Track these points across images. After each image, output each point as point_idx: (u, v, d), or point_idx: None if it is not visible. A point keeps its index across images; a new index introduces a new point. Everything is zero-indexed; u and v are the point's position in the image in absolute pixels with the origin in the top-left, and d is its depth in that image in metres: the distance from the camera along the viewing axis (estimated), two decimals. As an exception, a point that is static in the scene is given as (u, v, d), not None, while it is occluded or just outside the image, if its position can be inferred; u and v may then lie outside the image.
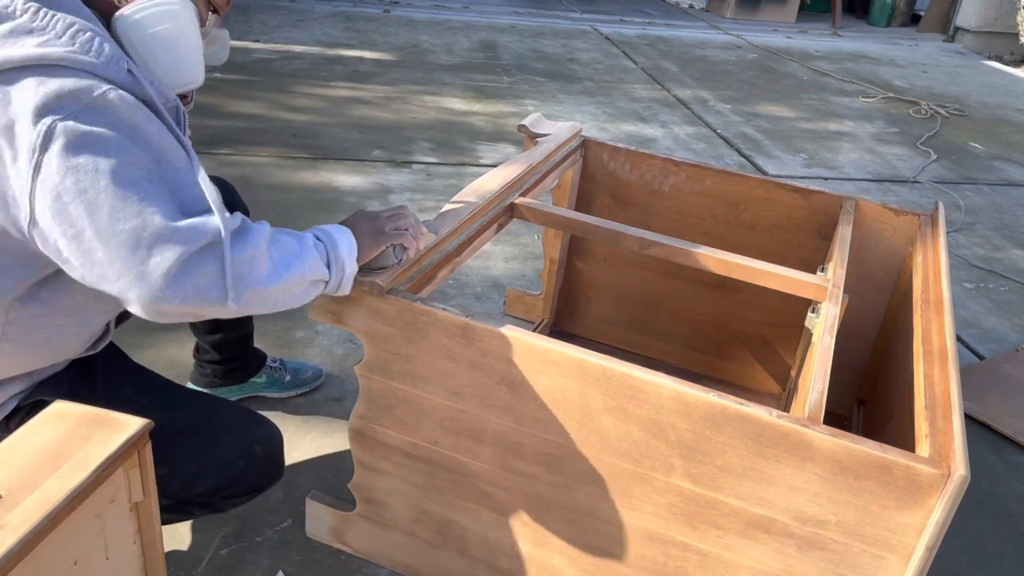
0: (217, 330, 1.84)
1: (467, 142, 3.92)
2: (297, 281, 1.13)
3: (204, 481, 1.33)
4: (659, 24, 7.40)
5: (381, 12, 6.50)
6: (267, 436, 1.41)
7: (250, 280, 1.06)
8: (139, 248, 0.99)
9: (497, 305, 2.53)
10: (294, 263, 1.12)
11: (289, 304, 1.15)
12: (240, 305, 1.06)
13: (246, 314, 1.10)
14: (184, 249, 1.00)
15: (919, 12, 8.56)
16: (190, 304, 1.03)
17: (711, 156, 4.13)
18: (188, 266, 1.00)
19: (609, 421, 1.25)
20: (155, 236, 0.99)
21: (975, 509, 1.96)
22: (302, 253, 1.14)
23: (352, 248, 1.22)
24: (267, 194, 3.08)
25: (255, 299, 1.08)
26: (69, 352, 1.26)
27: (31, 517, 0.88)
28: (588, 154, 2.16)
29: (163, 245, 0.99)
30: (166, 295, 1.00)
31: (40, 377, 1.27)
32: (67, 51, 1.00)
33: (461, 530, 1.48)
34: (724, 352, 2.24)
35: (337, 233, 1.22)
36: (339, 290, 1.23)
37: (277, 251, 1.11)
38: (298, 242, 1.15)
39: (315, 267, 1.16)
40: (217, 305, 1.04)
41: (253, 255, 1.07)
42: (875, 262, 1.99)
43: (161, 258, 0.99)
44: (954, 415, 1.18)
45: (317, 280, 1.17)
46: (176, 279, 1.00)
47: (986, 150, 4.77)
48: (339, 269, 1.20)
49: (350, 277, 1.23)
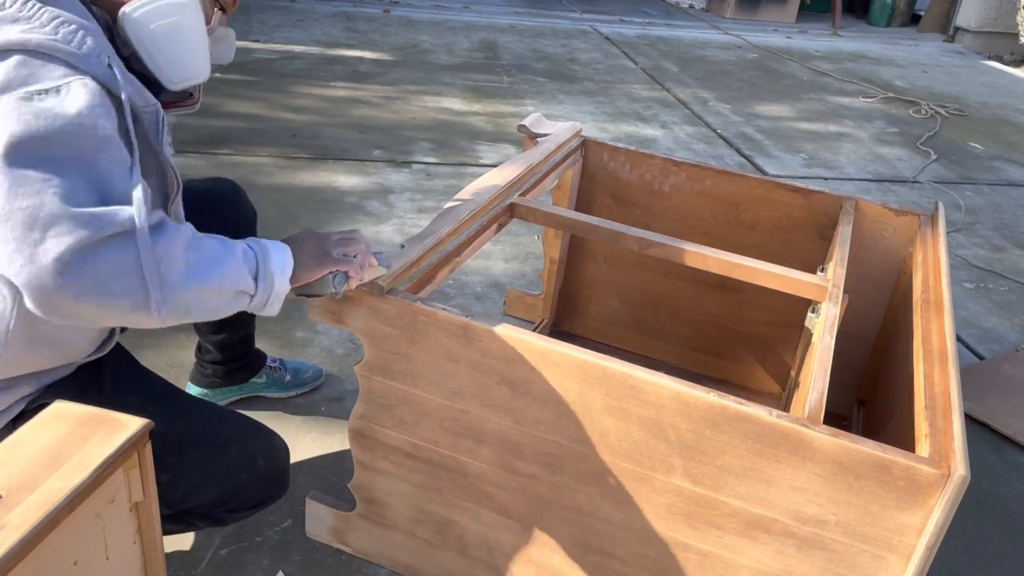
0: (220, 330, 1.84)
1: (467, 142, 3.92)
2: (215, 289, 1.07)
3: (206, 491, 1.32)
4: (659, 24, 7.40)
5: (381, 12, 6.50)
6: (272, 449, 1.40)
7: (159, 279, 1.00)
8: (34, 228, 0.92)
9: (497, 305, 2.53)
10: (212, 269, 1.06)
11: (207, 314, 1.08)
12: (149, 308, 1.00)
13: (155, 320, 1.02)
14: (84, 235, 0.93)
15: (919, 12, 8.56)
16: (89, 299, 0.96)
17: (711, 156, 4.13)
18: (87, 255, 0.94)
19: (609, 421, 1.25)
20: (53, 217, 0.92)
21: (975, 509, 1.96)
22: (224, 260, 1.08)
23: (285, 266, 1.16)
24: (267, 194, 3.08)
25: (164, 302, 1.01)
26: (76, 352, 1.26)
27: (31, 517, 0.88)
28: (588, 154, 2.16)
29: (60, 228, 0.92)
30: (58, 284, 0.93)
31: (48, 380, 1.27)
32: (48, 39, 1.00)
33: (461, 530, 1.48)
34: (724, 352, 2.24)
35: (272, 247, 1.16)
36: (266, 308, 1.16)
37: (196, 254, 1.05)
38: (223, 249, 1.09)
39: (238, 277, 1.09)
40: (120, 303, 0.98)
41: (166, 254, 1.01)
42: (875, 262, 1.99)
43: (56, 242, 0.92)
44: (954, 415, 1.18)
45: (240, 292, 1.11)
46: (70, 267, 0.93)
47: (986, 150, 4.77)
48: (267, 284, 1.13)
49: (279, 295, 1.16)
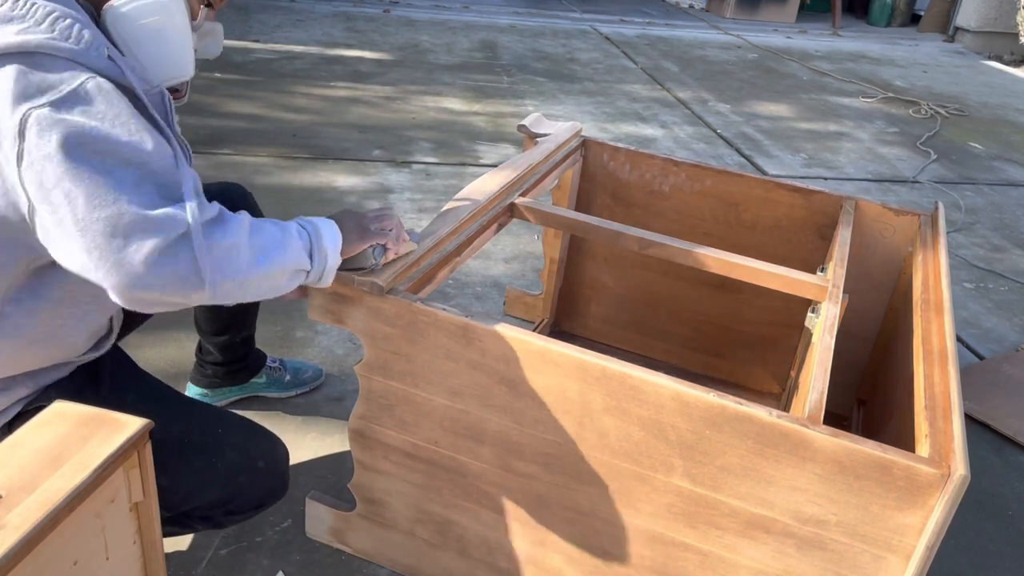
0: (223, 331, 1.84)
1: (467, 142, 3.92)
2: (278, 271, 1.13)
3: (205, 494, 1.32)
4: (659, 24, 7.40)
5: (381, 12, 6.50)
6: (271, 451, 1.40)
7: (230, 268, 1.06)
8: (115, 236, 0.99)
9: (497, 305, 2.53)
10: (275, 252, 1.12)
11: (269, 293, 1.14)
12: (219, 293, 1.06)
13: (226, 302, 1.10)
14: (161, 237, 1.00)
15: (919, 12, 8.56)
16: (168, 291, 1.02)
17: (711, 156, 4.13)
18: (166, 254, 1.00)
19: (609, 421, 1.25)
20: (131, 224, 0.99)
21: (975, 509, 1.96)
22: (284, 242, 1.14)
23: (336, 240, 1.22)
24: (267, 194, 3.08)
25: (235, 288, 1.08)
26: (72, 350, 1.26)
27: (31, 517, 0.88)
28: (588, 154, 2.16)
29: (140, 233, 0.99)
30: (143, 283, 1.00)
31: (45, 381, 1.27)
32: (47, 38, 1.01)
33: (461, 530, 1.48)
34: (724, 352, 2.24)
35: (322, 224, 1.22)
36: (320, 281, 1.23)
37: (259, 239, 1.11)
38: (280, 231, 1.15)
39: (297, 257, 1.15)
40: (195, 293, 1.04)
41: (233, 243, 1.07)
42: (875, 262, 1.99)
43: (138, 246, 0.99)
44: (954, 415, 1.18)
45: (299, 270, 1.17)
46: (153, 267, 1.00)
47: (986, 150, 4.77)
48: (321, 260, 1.19)
49: (332, 269, 1.23)
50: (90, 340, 1.28)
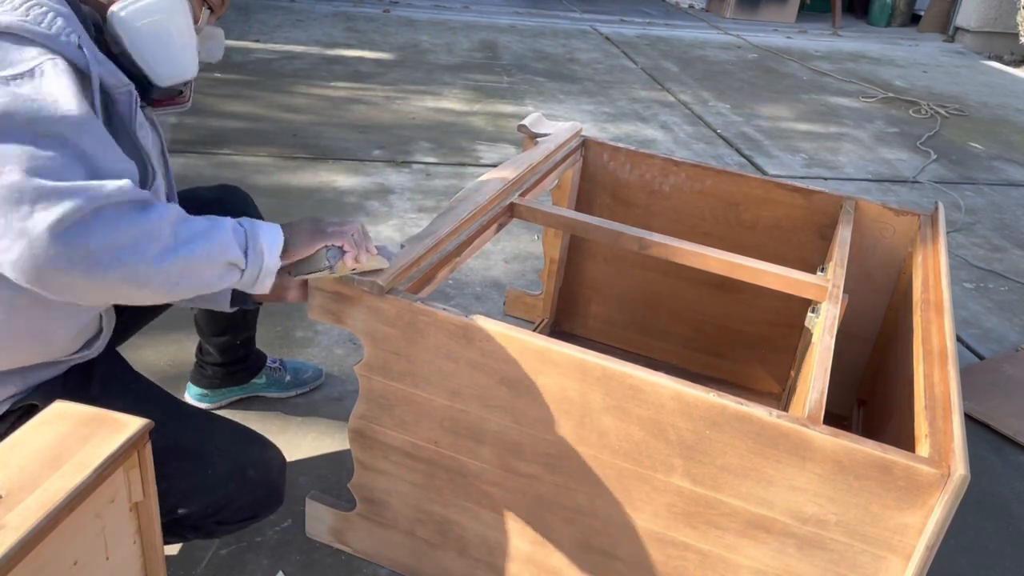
0: (223, 332, 1.84)
1: (467, 142, 3.92)
2: (203, 260, 1.08)
3: (194, 501, 1.29)
4: (659, 24, 7.40)
5: (381, 12, 6.50)
6: (264, 460, 1.36)
7: (146, 251, 1.01)
8: (22, 203, 0.94)
9: (497, 305, 2.53)
10: (201, 240, 1.08)
11: (197, 286, 1.10)
12: (135, 277, 1.01)
13: (150, 293, 1.05)
14: (71, 206, 0.95)
15: (919, 12, 8.55)
16: (80, 271, 0.97)
17: (711, 156, 4.13)
18: (77, 227, 0.95)
19: (609, 421, 1.25)
20: (41, 191, 0.94)
21: (975, 509, 1.96)
22: (212, 234, 1.10)
23: (275, 241, 1.17)
24: (267, 194, 3.08)
25: (153, 274, 1.03)
26: (59, 348, 1.25)
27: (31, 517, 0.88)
28: (588, 154, 2.16)
29: (48, 200, 0.94)
30: (49, 255, 0.94)
31: (35, 380, 1.26)
32: (19, 20, 1.03)
33: (461, 530, 1.48)
34: (724, 352, 2.24)
35: (262, 225, 1.18)
36: (256, 284, 1.17)
37: (184, 228, 1.07)
38: (211, 223, 1.11)
39: (226, 248, 1.11)
40: (107, 273, 0.99)
41: (153, 226, 1.02)
42: (875, 262, 1.99)
43: (45, 213, 0.94)
44: (954, 415, 1.18)
45: (231, 264, 1.12)
46: (60, 238, 0.94)
47: (986, 150, 4.77)
48: (256, 258, 1.15)
49: (269, 270, 1.17)
50: (78, 339, 1.27)
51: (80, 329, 1.26)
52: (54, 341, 1.23)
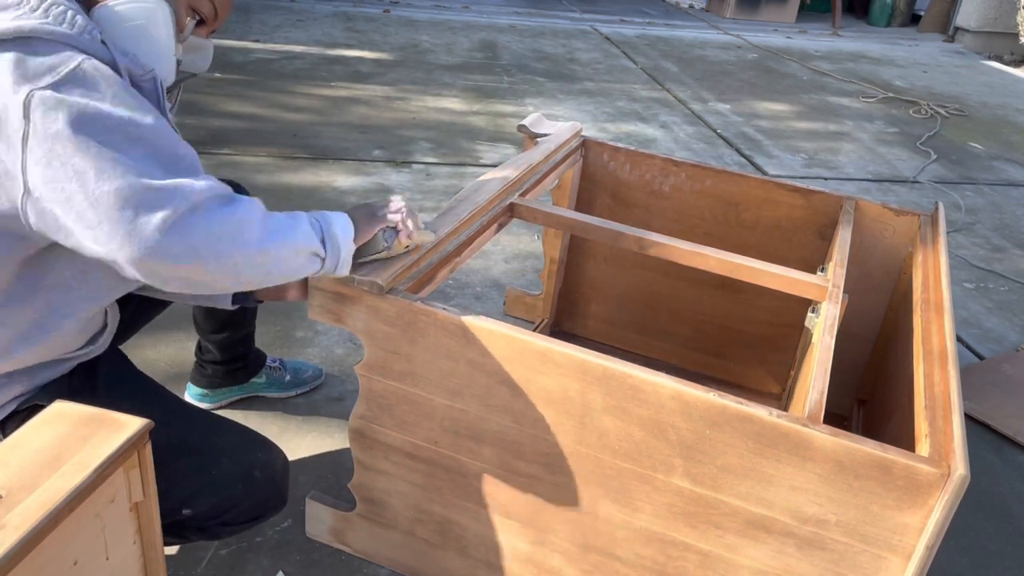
0: (222, 329, 1.84)
1: (467, 142, 3.92)
2: (291, 250, 1.15)
3: (199, 502, 1.30)
4: (659, 24, 7.40)
5: (381, 12, 6.50)
6: (269, 461, 1.37)
7: (241, 241, 1.08)
8: (126, 208, 1.00)
9: (497, 305, 2.53)
10: (287, 231, 1.14)
11: (285, 274, 1.16)
12: (231, 266, 1.07)
13: (244, 281, 1.11)
14: (172, 208, 1.02)
15: (919, 12, 8.56)
16: (183, 263, 1.04)
17: (711, 156, 4.13)
18: (178, 224, 1.02)
19: (609, 421, 1.25)
20: (141, 196, 1.01)
21: (975, 509, 1.96)
22: (295, 224, 1.16)
23: (347, 229, 1.24)
24: (267, 194, 3.08)
25: (248, 262, 1.09)
26: (65, 345, 1.25)
27: (31, 517, 0.88)
28: (588, 154, 2.16)
29: (150, 204, 1.01)
30: (155, 253, 1.01)
31: (41, 380, 1.26)
32: (41, 23, 1.04)
33: (461, 530, 1.48)
34: (724, 352, 2.24)
35: (332, 215, 1.24)
36: (338, 269, 1.24)
37: (270, 219, 1.14)
38: (290, 216, 1.18)
39: (308, 239, 1.17)
40: (208, 264, 1.05)
41: (245, 217, 1.09)
42: (875, 262, 1.99)
43: (150, 216, 1.00)
44: (954, 415, 1.18)
45: (313, 253, 1.19)
46: (165, 237, 1.01)
47: (986, 150, 4.77)
48: (334, 246, 1.21)
49: (347, 258, 1.24)
50: (83, 334, 1.28)
51: (86, 323, 1.27)
52: (62, 336, 1.24)
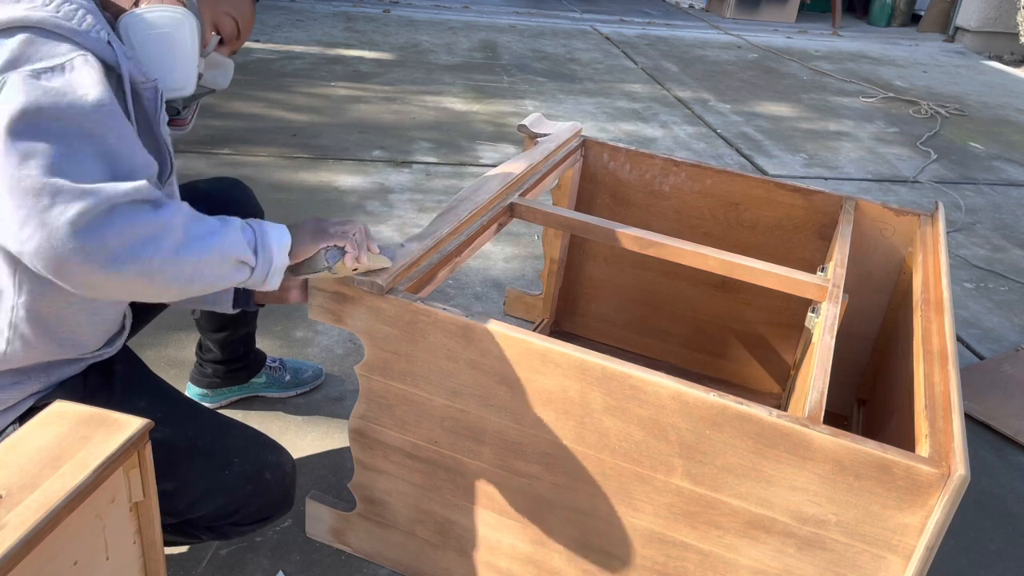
0: (223, 328, 1.84)
1: (467, 142, 3.92)
2: (215, 257, 1.10)
3: (210, 502, 1.31)
4: (659, 24, 7.40)
5: (381, 12, 6.50)
6: (279, 463, 1.39)
7: (161, 246, 1.04)
8: (42, 196, 0.96)
9: (497, 305, 2.53)
10: (212, 238, 1.11)
11: (208, 283, 1.12)
12: (147, 271, 1.04)
13: (164, 289, 1.07)
14: (89, 203, 0.98)
15: (919, 12, 8.55)
16: (96, 265, 1.00)
17: (711, 156, 4.13)
18: (95, 222, 0.98)
19: (609, 421, 1.25)
20: (62, 188, 0.97)
21: (975, 509, 1.96)
22: (223, 231, 1.12)
23: (282, 241, 1.20)
24: (267, 194, 3.08)
25: (165, 269, 1.05)
26: (85, 344, 1.26)
27: (31, 517, 0.88)
28: (588, 154, 2.16)
29: (68, 196, 0.97)
30: (68, 248, 0.97)
31: (57, 378, 1.27)
32: (50, 16, 1.05)
33: (461, 530, 1.48)
34: (724, 352, 2.24)
35: (269, 224, 1.21)
36: (266, 282, 1.19)
37: (196, 226, 1.10)
38: (221, 222, 1.14)
39: (236, 247, 1.13)
40: (126, 270, 1.02)
41: (166, 223, 1.05)
42: (875, 262, 1.99)
43: (65, 207, 0.97)
44: (954, 415, 1.18)
45: (240, 261, 1.14)
46: (79, 232, 0.97)
47: (986, 150, 4.77)
48: (266, 256, 1.17)
49: (279, 269, 1.20)
50: (102, 336, 1.29)
51: (106, 326, 1.28)
52: (80, 337, 1.24)
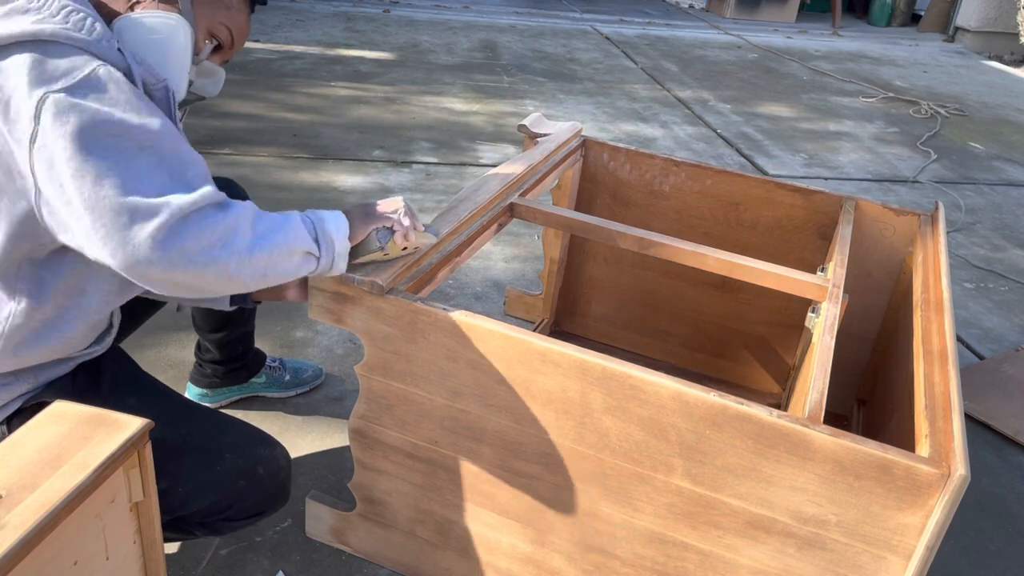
0: (221, 328, 1.84)
1: (467, 142, 3.92)
2: (284, 251, 1.15)
3: (203, 498, 1.30)
4: (659, 24, 7.40)
5: (381, 12, 6.50)
6: (273, 459, 1.38)
7: (235, 247, 1.09)
8: (121, 214, 1.01)
9: (497, 305, 2.53)
10: (278, 234, 1.15)
11: (281, 275, 1.16)
12: (226, 271, 1.08)
13: (242, 284, 1.12)
14: (166, 216, 1.03)
15: (919, 12, 8.55)
16: (179, 270, 1.05)
17: (711, 156, 4.13)
18: (172, 232, 1.03)
19: (609, 421, 1.25)
20: (138, 203, 1.02)
21: (975, 509, 1.96)
22: (286, 225, 1.16)
23: (340, 227, 1.24)
24: (267, 194, 3.08)
25: (241, 267, 1.10)
26: (73, 344, 1.26)
27: (31, 517, 0.88)
28: (588, 154, 2.16)
29: (145, 211, 1.02)
30: (151, 259, 1.03)
31: (46, 378, 1.27)
32: (60, 27, 1.06)
33: (461, 530, 1.48)
34: (724, 352, 2.24)
35: (325, 213, 1.24)
36: (332, 268, 1.24)
37: (261, 223, 1.14)
38: (282, 217, 1.18)
39: (301, 239, 1.17)
40: (207, 271, 1.07)
41: (236, 224, 1.09)
42: (875, 262, 1.99)
43: (143, 224, 1.02)
44: (954, 415, 1.18)
45: (307, 253, 1.19)
46: (159, 245, 1.02)
47: (986, 150, 4.77)
48: (328, 244, 1.21)
49: (342, 254, 1.24)
50: (91, 333, 1.28)
51: (94, 323, 1.28)
52: (69, 335, 1.24)
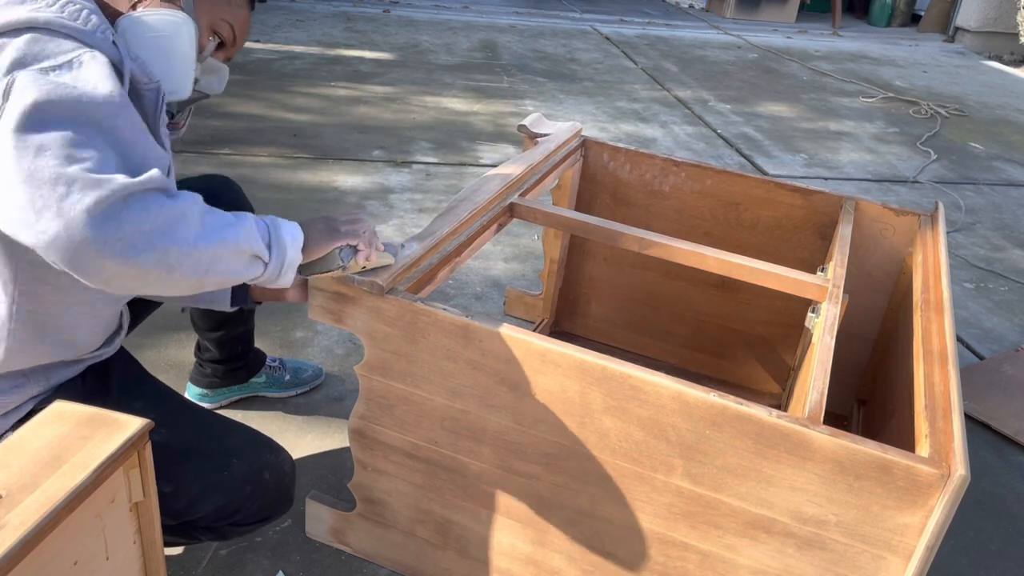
0: (219, 327, 1.84)
1: (467, 142, 3.92)
2: (231, 249, 1.09)
3: (209, 502, 1.31)
4: (659, 24, 7.40)
5: (381, 12, 6.50)
6: (278, 463, 1.39)
7: (176, 236, 1.03)
8: (58, 184, 0.95)
9: (497, 305, 2.53)
10: (227, 230, 1.09)
11: (223, 275, 1.10)
12: (165, 260, 1.02)
13: (175, 278, 1.05)
14: (107, 192, 0.97)
15: (919, 12, 8.55)
16: (113, 255, 0.98)
17: (711, 156, 4.13)
18: (112, 211, 0.97)
19: (609, 421, 1.25)
20: (78, 177, 0.96)
21: (975, 509, 1.96)
22: (238, 224, 1.11)
23: (295, 236, 1.19)
24: (267, 194, 3.08)
25: (182, 259, 1.04)
26: (83, 345, 1.26)
27: (31, 517, 0.88)
28: (588, 154, 2.16)
29: (85, 185, 0.96)
30: (84, 237, 0.96)
31: (56, 380, 1.27)
32: (56, 16, 1.05)
33: (461, 530, 1.48)
34: (724, 352, 2.24)
35: (282, 220, 1.20)
36: (279, 277, 1.18)
37: (211, 218, 1.09)
38: (235, 216, 1.13)
39: (252, 240, 1.12)
40: (140, 258, 1.00)
41: (182, 212, 1.04)
42: (875, 262, 1.99)
43: (81, 196, 0.95)
44: (954, 415, 1.18)
45: (255, 256, 1.13)
46: (96, 221, 0.96)
47: (986, 150, 4.76)
48: (280, 252, 1.16)
49: (292, 264, 1.18)
50: (100, 335, 1.29)
51: (104, 325, 1.28)
52: (78, 337, 1.24)
